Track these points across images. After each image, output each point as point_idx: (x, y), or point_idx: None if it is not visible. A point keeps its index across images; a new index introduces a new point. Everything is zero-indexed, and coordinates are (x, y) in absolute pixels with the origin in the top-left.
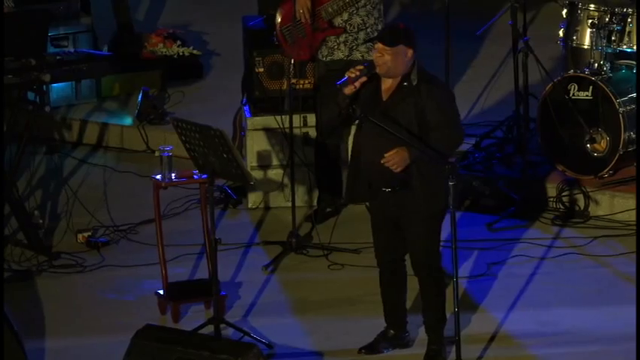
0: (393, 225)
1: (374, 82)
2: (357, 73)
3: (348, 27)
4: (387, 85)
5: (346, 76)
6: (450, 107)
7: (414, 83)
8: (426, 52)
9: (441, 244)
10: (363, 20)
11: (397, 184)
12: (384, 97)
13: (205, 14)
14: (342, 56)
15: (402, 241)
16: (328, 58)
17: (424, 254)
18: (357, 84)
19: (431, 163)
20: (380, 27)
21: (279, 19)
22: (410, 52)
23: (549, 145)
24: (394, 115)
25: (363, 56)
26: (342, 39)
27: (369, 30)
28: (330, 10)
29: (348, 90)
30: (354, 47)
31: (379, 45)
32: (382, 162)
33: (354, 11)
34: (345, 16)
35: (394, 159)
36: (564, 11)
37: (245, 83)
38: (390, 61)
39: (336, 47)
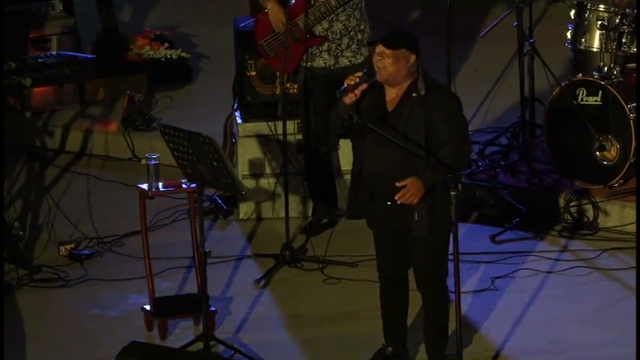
0: (396, 239)
1: (377, 91)
2: (356, 79)
3: (330, 35)
4: (392, 94)
5: (345, 85)
6: (461, 119)
7: (422, 93)
8: (426, 54)
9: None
10: (344, 25)
11: None
12: (389, 107)
13: (194, 15)
14: (325, 64)
15: (406, 256)
16: (310, 64)
17: (430, 270)
18: (358, 92)
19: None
20: (363, 26)
21: (257, 34)
22: (413, 57)
23: (556, 153)
24: (402, 128)
25: (350, 61)
26: (324, 47)
27: (352, 33)
28: (307, 20)
29: (349, 99)
30: (339, 54)
31: (380, 47)
32: (397, 200)
33: (334, 17)
34: (326, 24)
35: (409, 191)
36: (572, 12)
37: (236, 87)
38: (391, 66)
39: (317, 54)
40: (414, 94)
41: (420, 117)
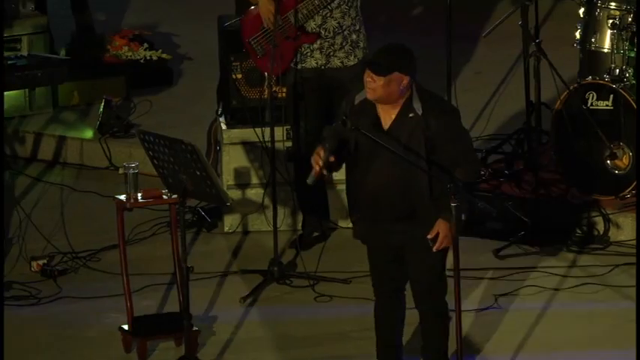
0: (394, 253)
1: (369, 109)
2: (320, 163)
3: (323, 32)
4: (387, 111)
5: (312, 172)
6: (464, 135)
7: (420, 112)
8: (426, 55)
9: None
10: (338, 23)
11: (404, 214)
12: (385, 125)
13: (176, 13)
14: (316, 64)
15: (404, 271)
16: (300, 66)
17: (429, 285)
18: (326, 164)
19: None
20: (358, 27)
21: (244, 31)
22: (406, 80)
23: (564, 162)
24: (402, 148)
25: (342, 62)
26: (316, 45)
27: (346, 32)
28: (300, 14)
29: (318, 174)
30: (331, 53)
31: (370, 76)
32: (434, 249)
33: (328, 14)
34: (319, 20)
35: (443, 236)
36: (581, 10)
37: (221, 91)
38: (381, 89)
39: (309, 54)
40: (410, 115)
41: (420, 139)
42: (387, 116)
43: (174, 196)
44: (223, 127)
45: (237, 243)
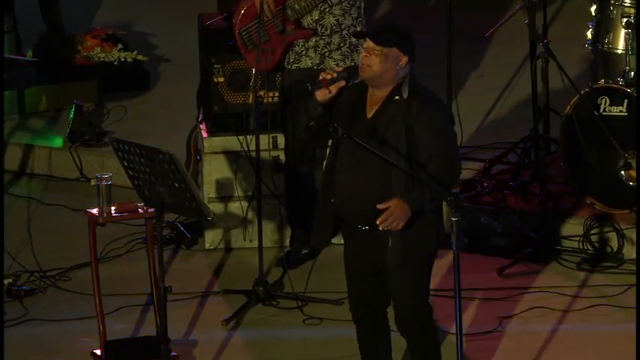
0: (371, 271)
1: (358, 90)
2: (334, 74)
3: (320, 29)
4: (375, 97)
5: (320, 78)
6: (447, 131)
7: (405, 97)
8: (425, 56)
9: (440, 293)
10: (337, 20)
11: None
12: (369, 112)
13: (153, 11)
14: (311, 64)
15: (384, 291)
16: (294, 66)
17: (411, 307)
18: (333, 88)
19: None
20: (359, 29)
21: (237, 19)
22: (404, 59)
23: (575, 172)
24: (380, 136)
25: (337, 65)
26: (311, 43)
27: (344, 32)
28: (297, 7)
29: (321, 95)
30: (327, 54)
31: (368, 42)
32: (378, 224)
33: (327, 9)
34: (316, 15)
35: (394, 214)
36: (593, 8)
37: (201, 96)
38: (377, 65)
39: (304, 53)
40: (396, 97)
41: (401, 124)
42: (375, 101)
43: (151, 209)
44: (204, 134)
45: (219, 261)
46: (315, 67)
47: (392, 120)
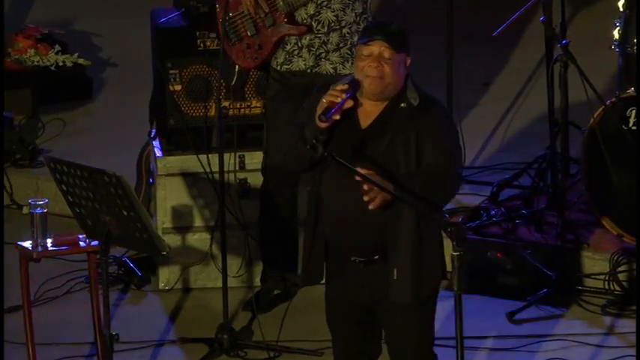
0: (362, 316)
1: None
2: (342, 95)
3: (315, 25)
4: (368, 106)
5: (325, 103)
6: (456, 142)
7: (415, 103)
8: (424, 58)
9: (440, 342)
10: (336, 16)
11: (375, 253)
12: (363, 123)
13: (97, 7)
14: (304, 66)
15: (376, 340)
16: (284, 68)
17: (414, 353)
18: (340, 113)
19: (426, 220)
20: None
21: (219, 8)
22: (409, 60)
23: (598, 198)
24: (383, 151)
25: (335, 69)
26: (305, 42)
27: (345, 31)
28: None
29: (325, 123)
30: (323, 55)
31: (381, 47)
32: (363, 196)
33: (325, 2)
34: (312, 9)
35: (377, 191)
36: (621, 3)
37: (154, 107)
38: (391, 75)
39: (296, 53)
40: (402, 105)
41: (411, 137)
42: (368, 110)
43: (95, 242)
44: (158, 153)
45: (175, 303)
46: (309, 70)
47: (401, 131)
